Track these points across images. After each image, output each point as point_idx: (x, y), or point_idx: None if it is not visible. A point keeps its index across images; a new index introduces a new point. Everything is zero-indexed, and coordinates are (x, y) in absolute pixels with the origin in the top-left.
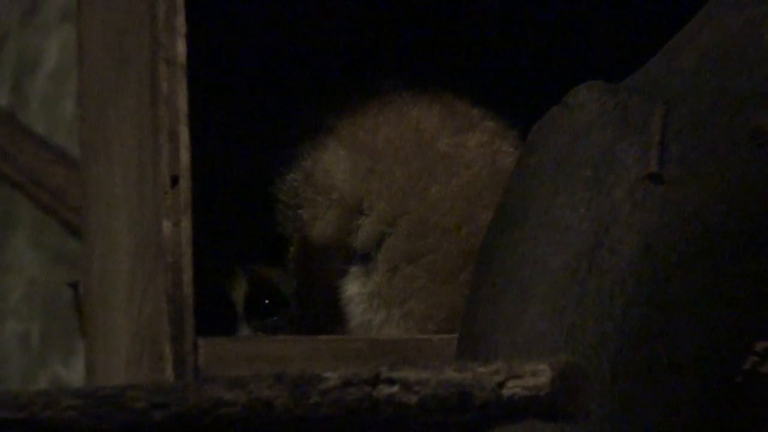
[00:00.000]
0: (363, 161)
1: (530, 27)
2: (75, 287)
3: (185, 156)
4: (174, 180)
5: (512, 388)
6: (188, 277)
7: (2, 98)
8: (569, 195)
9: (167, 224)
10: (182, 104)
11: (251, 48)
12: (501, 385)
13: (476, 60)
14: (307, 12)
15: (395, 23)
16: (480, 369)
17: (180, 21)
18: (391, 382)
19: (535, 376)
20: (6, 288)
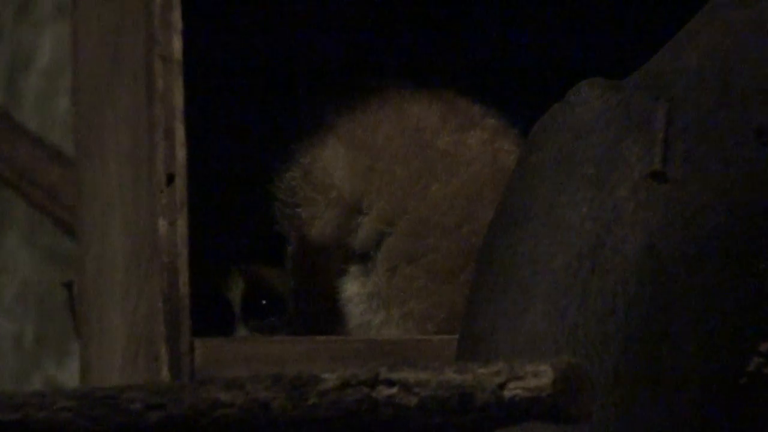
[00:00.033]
0: (362, 159)
1: (532, 23)
2: (69, 287)
3: (181, 154)
4: (170, 178)
5: (513, 390)
6: (184, 277)
7: None
8: (571, 194)
9: (163, 223)
10: (178, 101)
11: (248, 44)
12: (502, 387)
13: (477, 57)
14: (306, 8)
15: (395, 19)
16: (481, 370)
17: (176, 17)
18: (391, 384)
19: (537, 377)
20: None
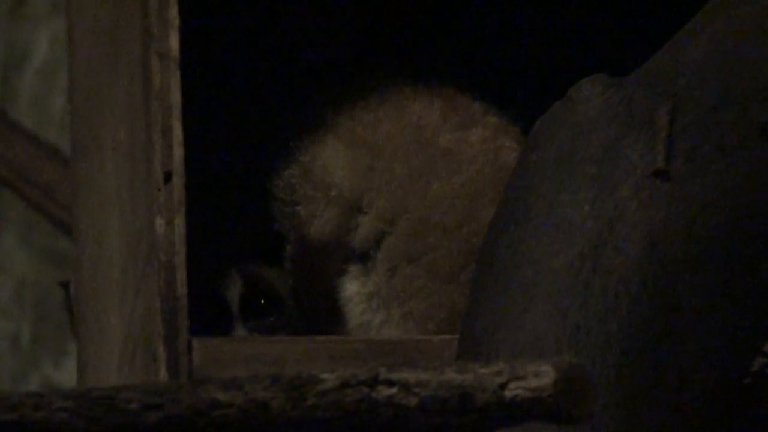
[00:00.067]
0: (362, 157)
1: (533, 20)
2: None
3: (179, 152)
4: (167, 176)
5: (514, 390)
6: (182, 276)
7: None
8: (573, 192)
9: (160, 222)
10: (175, 99)
11: (247, 41)
12: (503, 387)
13: (478, 54)
14: (305, 5)
15: (395, 16)
16: (481, 370)
17: (173, 13)
18: (391, 384)
19: (538, 378)
20: None
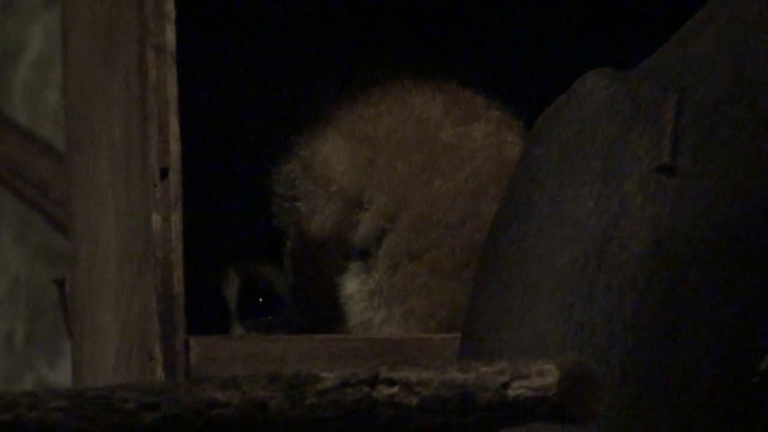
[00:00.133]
0: (363, 152)
1: (537, 12)
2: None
3: (175, 147)
4: (163, 172)
5: (518, 389)
6: (179, 274)
7: None
8: (577, 188)
9: (157, 218)
10: (172, 93)
11: (245, 34)
12: (506, 386)
13: (481, 47)
14: None
15: (397, 9)
16: (484, 369)
17: (169, 6)
18: (391, 383)
19: (542, 377)
20: None
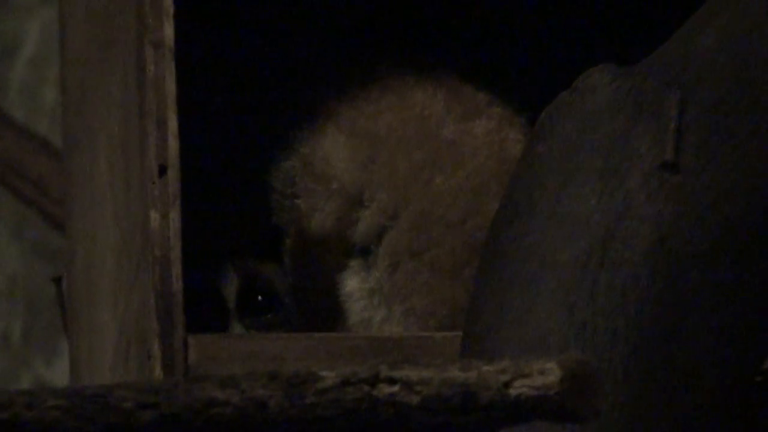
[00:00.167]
0: (363, 149)
1: (539, 7)
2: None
3: (174, 144)
4: (162, 169)
5: (519, 388)
6: (177, 272)
7: None
8: (579, 185)
9: (155, 216)
10: (170, 89)
11: (244, 29)
12: (507, 385)
13: (483, 43)
14: None
15: (398, 4)
16: (485, 368)
17: (167, 2)
18: (392, 382)
19: (544, 375)
20: None
